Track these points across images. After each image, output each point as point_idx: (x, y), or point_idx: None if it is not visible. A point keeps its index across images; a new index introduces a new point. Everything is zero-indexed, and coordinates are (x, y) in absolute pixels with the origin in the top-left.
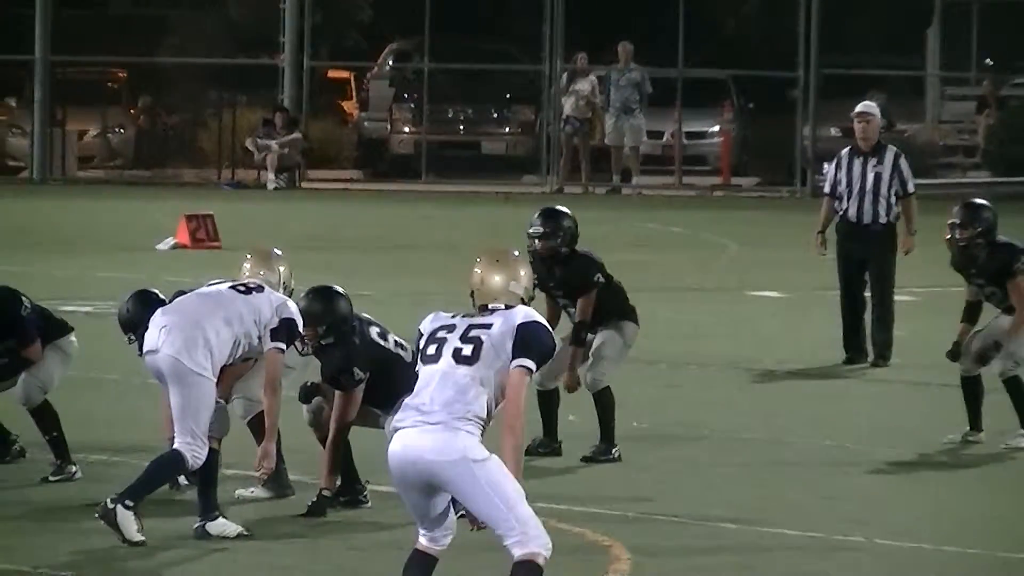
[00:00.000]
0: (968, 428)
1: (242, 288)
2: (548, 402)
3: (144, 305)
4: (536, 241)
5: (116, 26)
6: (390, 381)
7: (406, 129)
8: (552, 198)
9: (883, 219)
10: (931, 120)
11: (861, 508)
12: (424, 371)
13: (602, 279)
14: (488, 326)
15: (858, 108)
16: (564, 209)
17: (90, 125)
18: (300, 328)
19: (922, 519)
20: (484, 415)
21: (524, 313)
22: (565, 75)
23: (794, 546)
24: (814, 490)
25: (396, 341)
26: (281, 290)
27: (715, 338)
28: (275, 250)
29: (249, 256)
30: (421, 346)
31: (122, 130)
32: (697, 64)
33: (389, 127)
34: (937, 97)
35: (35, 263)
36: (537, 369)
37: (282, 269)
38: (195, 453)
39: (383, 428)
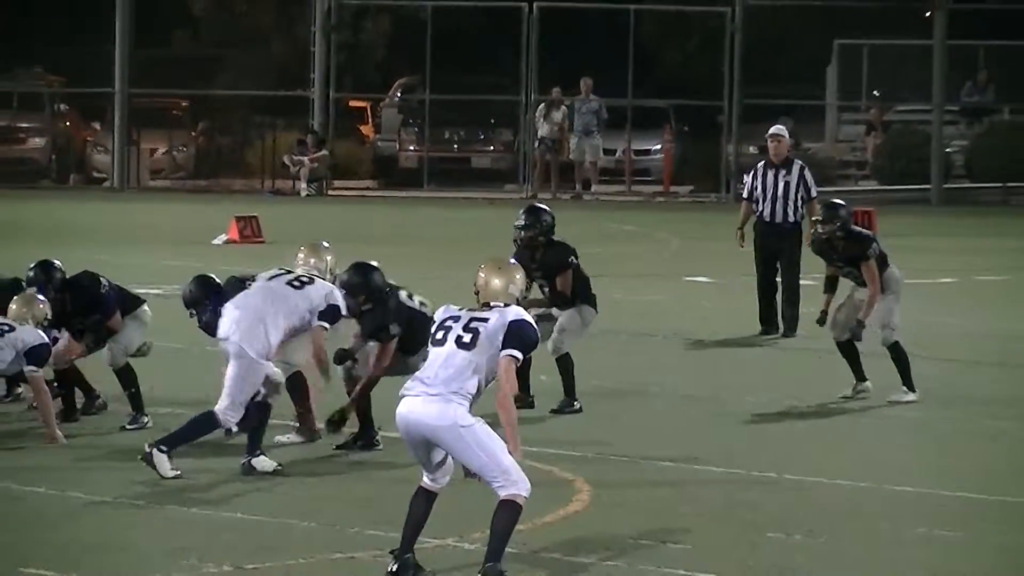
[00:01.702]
0: (855, 381)
1: (297, 284)
2: (523, 366)
3: (202, 288)
4: (521, 232)
5: (180, 63)
6: (416, 332)
7: (411, 147)
8: (528, 202)
9: (791, 219)
10: (830, 139)
11: (776, 449)
12: (432, 351)
13: (575, 261)
14: (486, 320)
15: (771, 130)
16: (543, 207)
17: (159, 144)
18: (343, 311)
19: (826, 457)
20: (474, 391)
21: (516, 312)
22: (542, 105)
23: (724, 480)
24: (741, 436)
25: (420, 301)
26: (328, 276)
27: (661, 315)
28: (323, 242)
29: (303, 248)
30: (432, 331)
31: (184, 148)
32: (643, 95)
33: (398, 146)
34: (834, 121)
35: (116, 254)
36: (523, 357)
37: (329, 258)
38: (228, 416)
39: (409, 372)
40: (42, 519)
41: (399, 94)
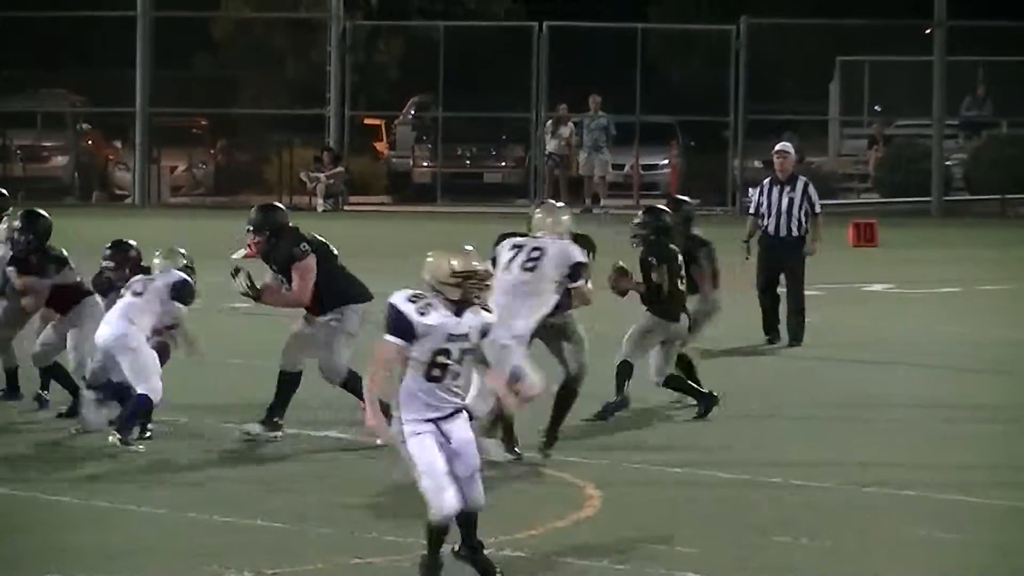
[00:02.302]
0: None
1: None
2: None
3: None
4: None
5: (200, 83)
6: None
7: (425, 164)
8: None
9: (795, 233)
10: (833, 154)
11: (781, 453)
12: None
13: (671, 260)
14: None
15: (777, 147)
16: (662, 207)
17: (179, 162)
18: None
19: (832, 461)
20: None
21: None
22: (550, 121)
23: (730, 484)
24: (746, 440)
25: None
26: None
27: None
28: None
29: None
30: None
31: (204, 166)
32: (650, 111)
33: (412, 162)
34: (837, 136)
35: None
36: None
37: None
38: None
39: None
40: (67, 525)
41: (413, 112)
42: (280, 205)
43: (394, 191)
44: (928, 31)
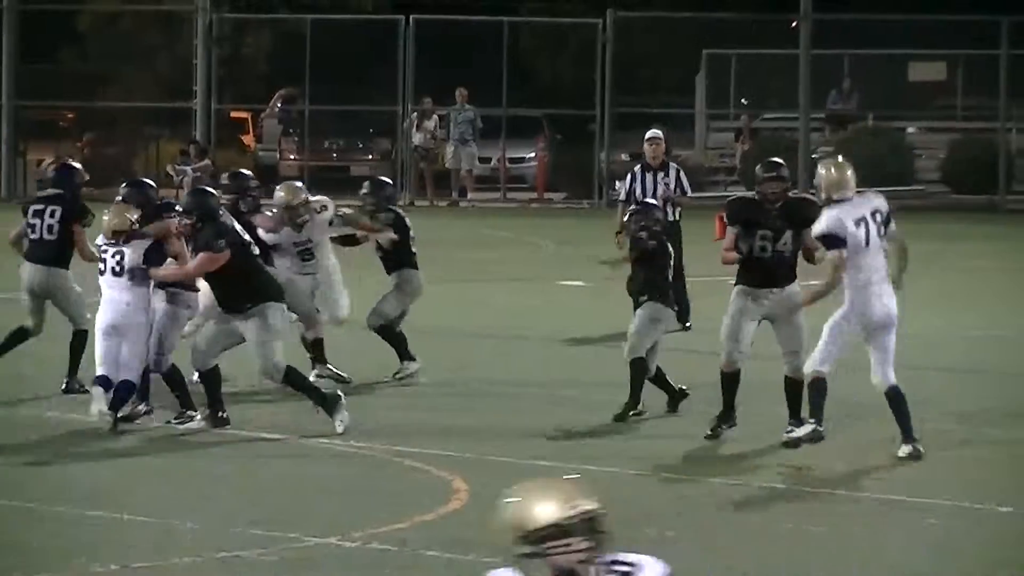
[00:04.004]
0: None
1: None
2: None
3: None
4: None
5: (67, 76)
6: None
7: (292, 156)
8: (405, 209)
9: (671, 218)
10: (700, 147)
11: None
12: None
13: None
14: None
15: (649, 134)
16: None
17: (46, 155)
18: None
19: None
20: None
21: None
22: (415, 114)
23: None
24: (608, 431)
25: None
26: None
27: (536, 316)
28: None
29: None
30: None
31: (71, 159)
32: (518, 104)
33: (279, 155)
34: (704, 129)
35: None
36: None
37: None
38: None
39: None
40: None
41: (279, 105)
42: (212, 190)
43: (261, 184)
44: (794, 24)
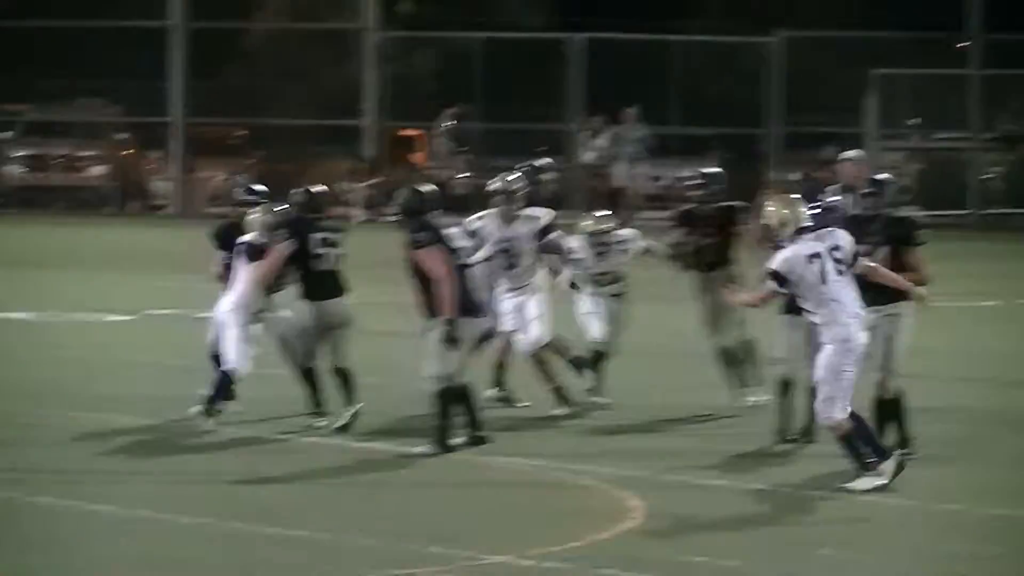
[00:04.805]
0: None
1: None
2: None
3: None
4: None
5: (233, 94)
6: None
7: (462, 174)
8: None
9: None
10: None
11: (822, 467)
12: None
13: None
14: None
15: (849, 154)
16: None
17: (217, 172)
18: None
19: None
20: None
21: None
22: (586, 132)
23: (767, 497)
24: (780, 453)
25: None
26: None
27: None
28: None
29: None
30: None
31: (242, 176)
32: (686, 123)
33: (448, 173)
34: (875, 148)
35: (179, 280)
36: None
37: None
38: None
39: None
40: (112, 532)
41: (449, 123)
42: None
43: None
44: (962, 45)
